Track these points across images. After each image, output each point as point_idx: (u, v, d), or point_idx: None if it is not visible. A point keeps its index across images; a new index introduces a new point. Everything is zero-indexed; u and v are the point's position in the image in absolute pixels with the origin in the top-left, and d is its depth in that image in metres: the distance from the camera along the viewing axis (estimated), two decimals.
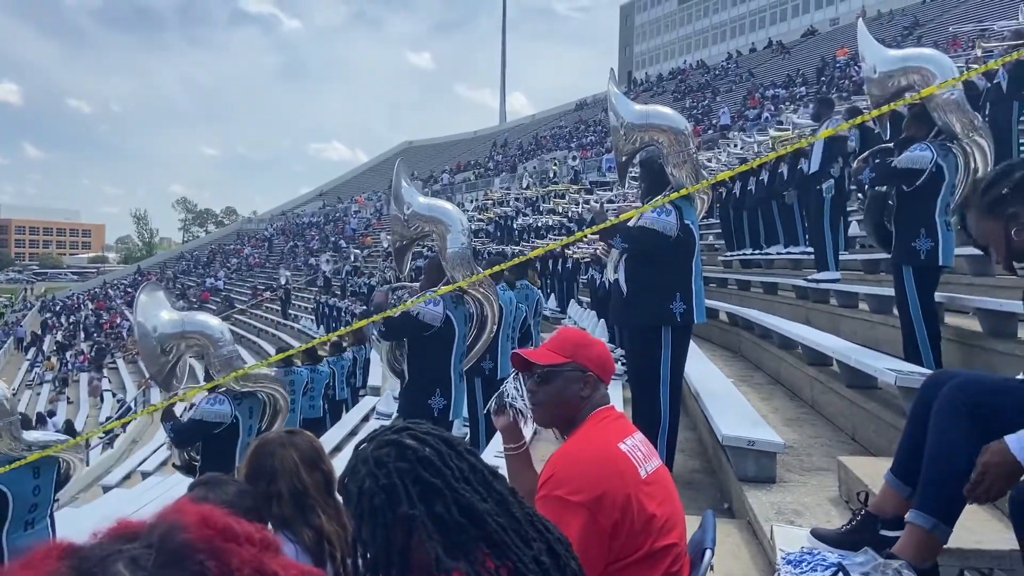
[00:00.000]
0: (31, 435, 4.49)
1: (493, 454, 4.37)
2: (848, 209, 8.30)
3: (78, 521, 4.88)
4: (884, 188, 4.92)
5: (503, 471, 2.37)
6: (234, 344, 5.04)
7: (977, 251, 6.69)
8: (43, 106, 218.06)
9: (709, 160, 13.30)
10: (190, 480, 3.94)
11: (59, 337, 42.82)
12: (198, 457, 5.13)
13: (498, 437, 3.36)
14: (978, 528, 2.64)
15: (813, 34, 49.83)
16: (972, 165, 4.83)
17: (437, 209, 5.42)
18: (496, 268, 4.50)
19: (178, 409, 5.31)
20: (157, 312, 4.90)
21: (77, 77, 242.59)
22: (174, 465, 5.59)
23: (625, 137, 4.62)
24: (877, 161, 4.86)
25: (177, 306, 5.08)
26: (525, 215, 24.51)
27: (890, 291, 5.38)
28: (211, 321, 5.04)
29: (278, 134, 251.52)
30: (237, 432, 4.80)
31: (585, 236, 4.51)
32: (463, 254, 5.27)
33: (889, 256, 5.15)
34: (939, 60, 4.95)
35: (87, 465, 14.90)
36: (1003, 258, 2.29)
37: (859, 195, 5.29)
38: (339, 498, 2.24)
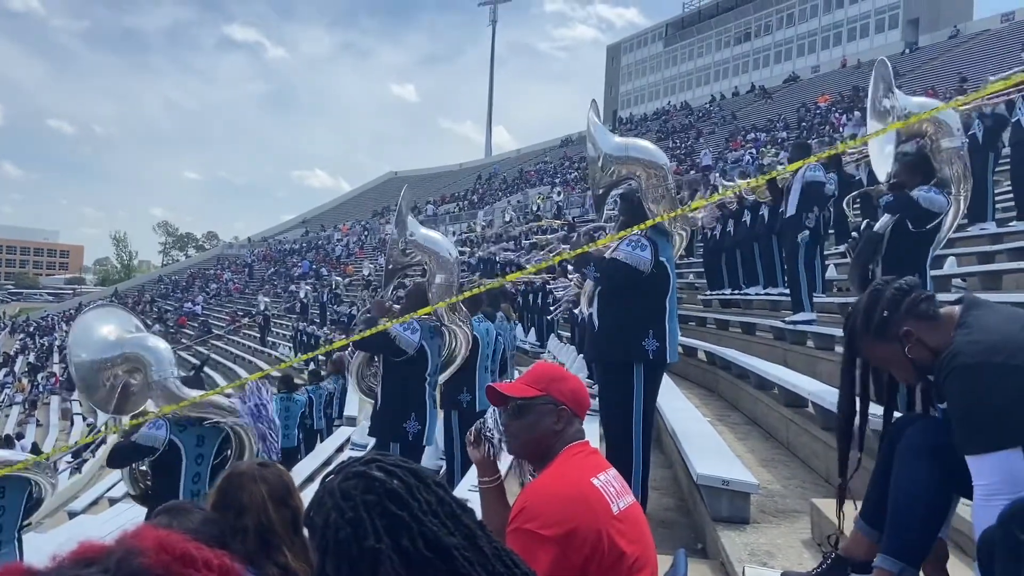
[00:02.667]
0: (1, 455, 4.46)
1: (468, 487, 4.34)
2: (825, 252, 8.40)
3: (42, 546, 4.77)
4: (882, 229, 4.93)
5: (477, 505, 2.35)
6: (175, 370, 4.84)
7: (949, 297, 6.79)
8: (25, 126, 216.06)
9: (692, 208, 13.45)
10: (115, 491, 3.87)
11: (31, 358, 42.17)
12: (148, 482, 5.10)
13: (474, 470, 3.33)
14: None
15: (795, 80, 50.82)
16: (953, 220, 4.96)
17: (433, 241, 5.54)
18: (469, 293, 4.53)
19: None
20: (96, 336, 4.75)
21: (60, 98, 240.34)
22: (131, 495, 5.49)
23: (603, 169, 4.55)
24: (898, 192, 4.83)
25: (153, 330, 4.99)
26: (508, 251, 24.60)
27: None
28: (154, 344, 4.84)
29: (260, 160, 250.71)
30: (179, 458, 4.71)
31: (560, 261, 4.46)
32: (448, 287, 5.37)
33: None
34: (949, 112, 5.12)
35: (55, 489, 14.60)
36: (911, 375, 2.29)
37: (852, 234, 5.31)
38: (306, 535, 2.21)
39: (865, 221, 6.08)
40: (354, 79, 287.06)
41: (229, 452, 4.93)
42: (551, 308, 14.87)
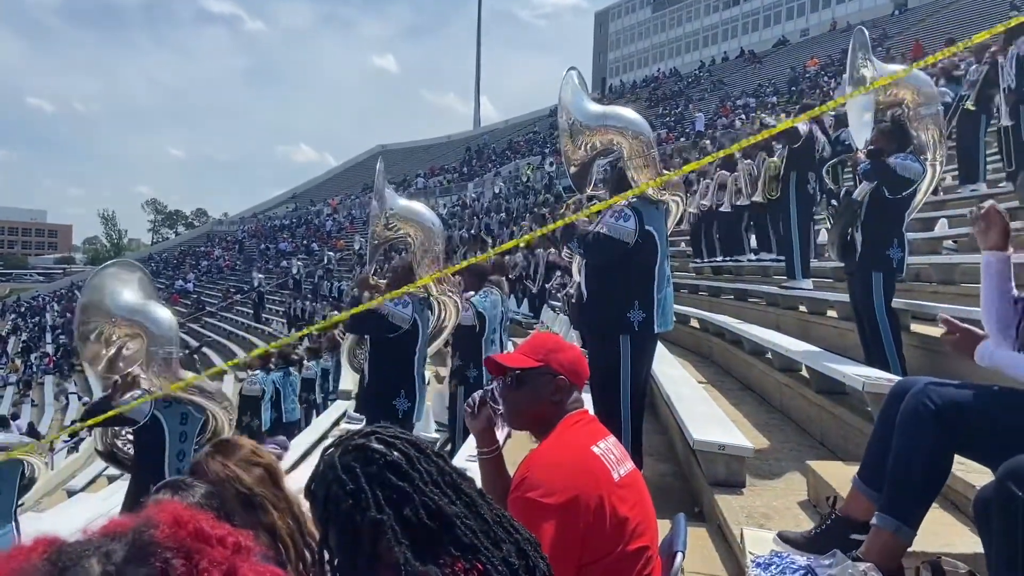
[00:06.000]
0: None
1: (466, 457, 4.37)
2: (816, 217, 8.41)
3: (41, 526, 4.81)
4: (860, 195, 4.97)
5: (476, 475, 2.37)
6: (177, 348, 4.86)
7: (940, 259, 6.82)
8: (2, 105, 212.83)
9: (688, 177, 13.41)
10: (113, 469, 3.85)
11: (24, 338, 42.07)
12: (127, 449, 5.14)
13: (471, 440, 3.35)
14: (944, 531, 2.69)
15: (784, 44, 50.50)
16: (929, 185, 4.99)
17: (416, 212, 5.50)
18: (462, 264, 4.51)
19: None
20: (113, 289, 4.77)
21: (39, 76, 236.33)
22: (96, 450, 5.57)
23: (573, 140, 4.38)
24: (875, 159, 4.85)
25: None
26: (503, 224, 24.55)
27: None
28: (161, 317, 4.83)
29: (244, 136, 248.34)
30: (162, 435, 4.72)
31: (546, 232, 4.37)
32: (435, 257, 5.36)
33: (844, 265, 5.25)
34: (926, 79, 5.19)
35: (51, 469, 14.66)
36: None
37: (831, 202, 5.38)
38: (287, 489, 2.21)
39: (844, 188, 6.12)
40: (335, 51, 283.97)
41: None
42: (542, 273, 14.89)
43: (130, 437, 5.08)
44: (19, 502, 4.81)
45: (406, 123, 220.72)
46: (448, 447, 6.53)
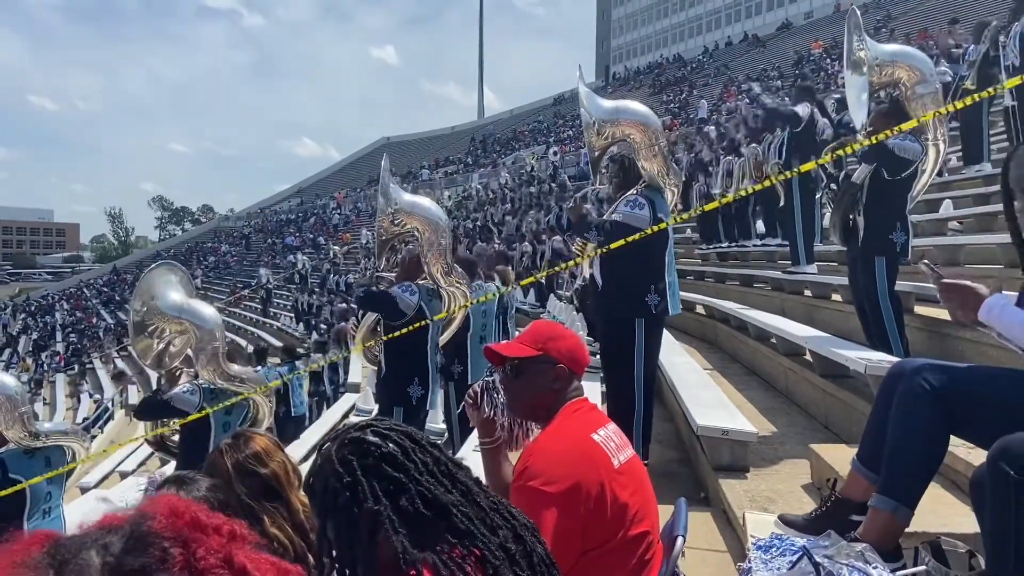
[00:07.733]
0: (43, 425, 4.61)
1: (471, 448, 4.40)
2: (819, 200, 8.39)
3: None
4: (860, 178, 4.94)
5: (478, 466, 2.39)
6: (224, 343, 5.09)
7: (945, 240, 6.80)
8: (4, 104, 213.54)
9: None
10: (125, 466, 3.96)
11: (34, 338, 42.31)
12: (174, 439, 5.31)
13: (474, 434, 3.38)
14: (943, 511, 2.71)
15: (788, 27, 50.19)
16: (934, 166, 4.95)
17: (422, 207, 5.57)
18: (527, 279, 4.53)
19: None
20: (161, 290, 4.96)
21: (40, 74, 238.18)
22: (145, 439, 5.77)
23: (597, 132, 4.64)
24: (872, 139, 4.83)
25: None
26: (508, 214, 24.48)
27: None
28: (207, 313, 5.06)
29: (246, 130, 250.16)
30: (208, 426, 4.86)
31: (597, 252, 4.61)
32: (442, 250, 5.42)
33: (846, 249, 5.23)
34: (922, 57, 5.08)
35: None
36: None
37: (831, 186, 5.37)
38: (289, 496, 2.25)
39: (843, 171, 6.09)
40: (334, 44, 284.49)
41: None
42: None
43: (177, 427, 5.22)
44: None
45: (408, 114, 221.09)
46: (445, 435, 6.59)
